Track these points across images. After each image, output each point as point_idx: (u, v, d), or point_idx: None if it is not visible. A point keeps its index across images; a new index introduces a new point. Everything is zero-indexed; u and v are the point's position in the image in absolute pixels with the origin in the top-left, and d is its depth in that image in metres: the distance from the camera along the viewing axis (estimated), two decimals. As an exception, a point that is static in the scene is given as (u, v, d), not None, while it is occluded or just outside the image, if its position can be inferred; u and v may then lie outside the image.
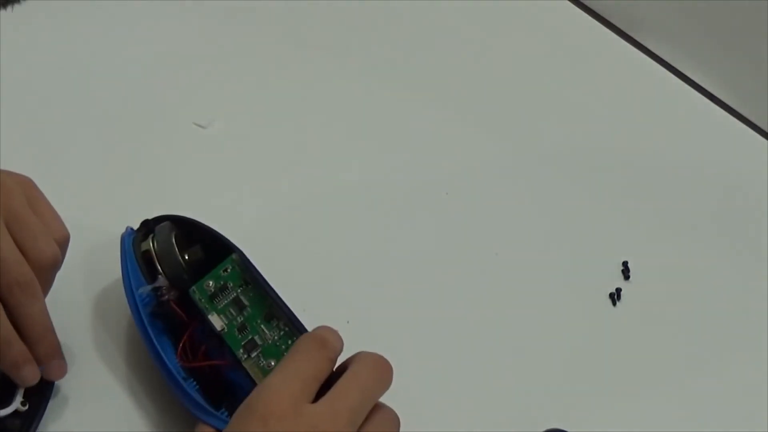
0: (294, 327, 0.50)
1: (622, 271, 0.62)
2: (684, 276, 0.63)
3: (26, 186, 0.50)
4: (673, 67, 0.76)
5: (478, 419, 0.54)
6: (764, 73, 0.72)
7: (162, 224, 0.53)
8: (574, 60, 0.75)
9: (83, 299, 0.55)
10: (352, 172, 0.65)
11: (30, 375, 0.48)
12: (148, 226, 0.53)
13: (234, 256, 0.52)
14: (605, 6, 0.79)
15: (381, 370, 0.45)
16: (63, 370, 0.50)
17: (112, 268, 0.54)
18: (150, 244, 0.52)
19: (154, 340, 0.49)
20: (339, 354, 0.46)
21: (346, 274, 0.59)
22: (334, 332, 0.46)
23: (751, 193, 0.69)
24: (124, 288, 0.51)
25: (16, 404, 0.48)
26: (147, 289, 0.50)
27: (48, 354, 0.48)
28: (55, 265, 0.49)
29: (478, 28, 0.76)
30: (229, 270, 0.51)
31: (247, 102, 0.68)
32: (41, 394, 0.49)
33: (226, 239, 0.52)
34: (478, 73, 0.73)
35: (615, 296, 0.60)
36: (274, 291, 0.50)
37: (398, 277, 0.60)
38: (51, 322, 0.49)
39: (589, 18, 0.79)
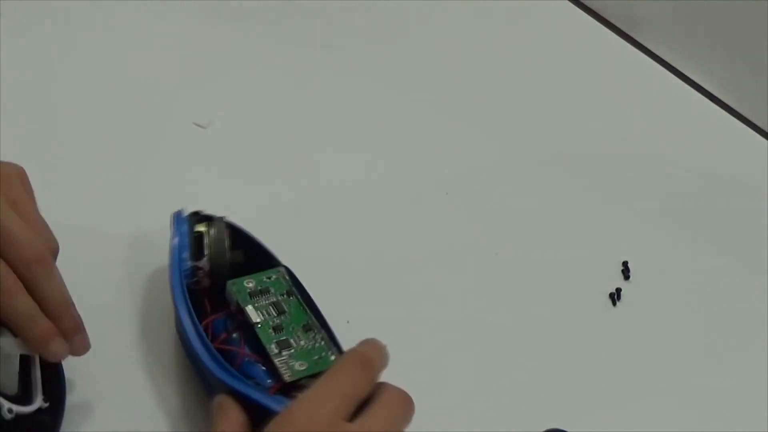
0: (332, 342, 0.49)
1: (622, 271, 0.62)
2: (684, 276, 0.63)
3: (22, 176, 0.49)
4: (673, 67, 0.76)
5: (478, 419, 0.54)
6: (764, 73, 0.72)
7: (219, 217, 0.53)
8: (574, 60, 0.75)
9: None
10: (352, 172, 0.65)
11: (60, 348, 0.46)
12: (198, 216, 0.53)
13: (281, 269, 0.52)
14: (605, 6, 0.79)
15: (407, 407, 0.46)
16: (87, 345, 0.48)
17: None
18: (205, 228, 0.52)
19: (188, 301, 0.49)
20: (381, 374, 0.46)
21: (346, 274, 0.59)
22: (380, 350, 0.47)
23: (751, 193, 0.69)
24: (170, 251, 0.51)
25: (39, 401, 0.46)
26: (189, 264, 0.51)
27: (72, 328, 0.47)
28: (56, 255, 0.49)
29: (478, 28, 0.76)
30: (272, 278, 0.52)
31: (247, 102, 0.68)
32: (58, 389, 0.47)
33: (272, 254, 0.53)
34: (479, 73, 0.73)
35: (615, 296, 0.60)
36: (317, 309, 0.51)
37: (398, 277, 0.60)
38: (71, 297, 0.47)
39: (589, 18, 0.79)
